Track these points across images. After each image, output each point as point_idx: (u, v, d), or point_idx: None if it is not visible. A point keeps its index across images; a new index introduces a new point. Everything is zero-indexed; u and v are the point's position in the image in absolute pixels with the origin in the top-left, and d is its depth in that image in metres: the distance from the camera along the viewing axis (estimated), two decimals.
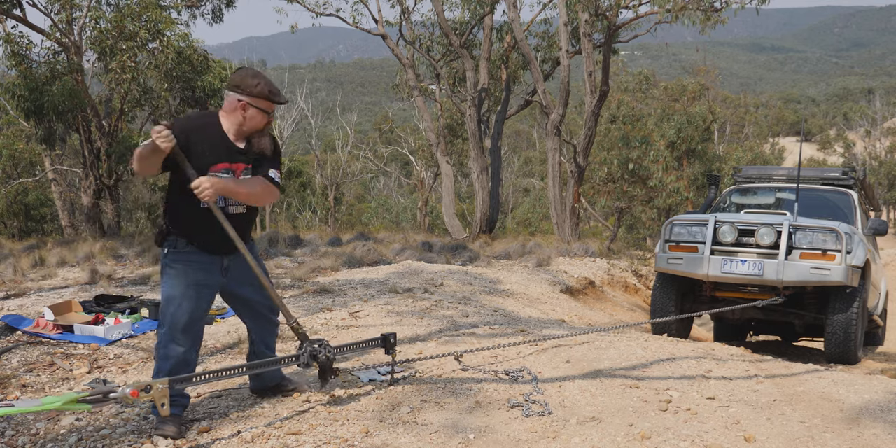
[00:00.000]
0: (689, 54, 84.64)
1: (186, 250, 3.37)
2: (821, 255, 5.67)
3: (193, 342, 3.42)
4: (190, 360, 3.42)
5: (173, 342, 3.34)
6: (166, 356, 3.35)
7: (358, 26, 19.31)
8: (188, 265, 3.36)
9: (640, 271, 11.84)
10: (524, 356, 4.49)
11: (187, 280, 3.35)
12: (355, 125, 39.49)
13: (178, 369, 3.34)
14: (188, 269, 3.36)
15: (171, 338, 3.34)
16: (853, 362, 5.83)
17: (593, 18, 15.73)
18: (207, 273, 3.40)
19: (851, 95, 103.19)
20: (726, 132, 44.92)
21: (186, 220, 3.36)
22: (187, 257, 3.37)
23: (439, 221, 28.37)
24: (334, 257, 10.04)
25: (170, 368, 3.33)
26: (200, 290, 3.39)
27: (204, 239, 3.38)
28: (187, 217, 3.36)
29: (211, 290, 3.45)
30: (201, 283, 3.38)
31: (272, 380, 3.77)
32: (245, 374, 3.46)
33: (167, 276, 3.38)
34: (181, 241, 3.37)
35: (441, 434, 3.24)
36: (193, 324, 3.39)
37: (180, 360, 3.36)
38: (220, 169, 3.34)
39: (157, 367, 3.37)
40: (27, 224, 24.72)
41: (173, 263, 3.37)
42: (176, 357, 3.35)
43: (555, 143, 15.91)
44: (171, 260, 3.37)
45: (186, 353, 3.38)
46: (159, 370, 3.35)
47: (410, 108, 38.72)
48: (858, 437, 3.22)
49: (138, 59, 14.92)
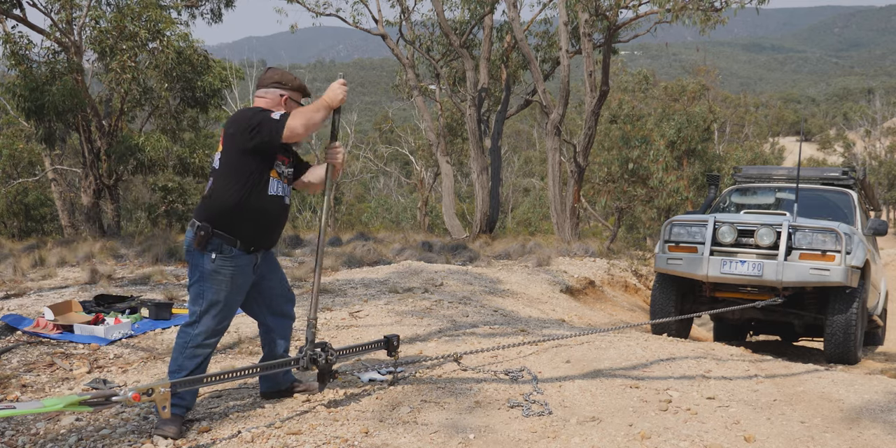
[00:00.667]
0: (689, 54, 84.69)
1: (231, 255, 3.34)
2: (820, 255, 5.67)
3: (217, 343, 3.49)
4: (208, 362, 3.48)
5: (205, 345, 3.38)
6: (194, 355, 3.35)
7: (358, 26, 19.30)
8: (235, 270, 3.36)
9: (640, 271, 11.84)
10: (524, 356, 4.49)
11: (234, 286, 3.37)
12: (355, 125, 39.47)
13: (199, 370, 3.38)
14: (235, 275, 3.36)
15: (203, 341, 3.36)
16: (853, 362, 5.83)
17: (593, 18, 15.73)
18: (247, 276, 3.44)
19: (851, 95, 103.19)
20: (726, 132, 44.92)
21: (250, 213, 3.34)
22: (234, 261, 3.35)
23: (439, 221, 28.37)
24: (334, 257, 10.04)
25: (194, 368, 3.35)
26: (242, 295, 3.46)
27: (255, 234, 3.38)
28: (252, 208, 3.33)
29: (246, 291, 3.51)
30: (243, 286, 3.44)
31: (286, 382, 3.76)
32: (247, 376, 3.45)
33: (214, 281, 3.32)
34: (225, 245, 3.32)
35: (441, 434, 3.24)
36: (226, 327, 3.47)
37: (205, 361, 3.40)
38: (281, 160, 3.45)
39: (180, 364, 3.34)
40: (27, 224, 24.71)
41: (222, 269, 3.32)
42: (203, 357, 3.38)
43: (555, 143, 15.91)
44: (219, 265, 3.32)
45: (210, 354, 3.45)
46: (181, 368, 3.33)
47: (410, 108, 38.73)
48: (858, 437, 3.22)
49: (138, 59, 14.92)
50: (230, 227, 3.33)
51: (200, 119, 18.87)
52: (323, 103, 3.33)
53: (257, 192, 3.35)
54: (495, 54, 19.23)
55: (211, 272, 3.33)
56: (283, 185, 3.46)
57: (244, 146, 3.30)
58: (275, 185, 3.41)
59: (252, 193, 3.34)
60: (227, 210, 3.32)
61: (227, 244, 3.33)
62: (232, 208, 3.32)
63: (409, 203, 35.96)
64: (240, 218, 3.33)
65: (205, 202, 3.39)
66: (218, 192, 3.36)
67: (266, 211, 3.40)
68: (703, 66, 32.07)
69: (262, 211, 3.38)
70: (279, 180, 3.43)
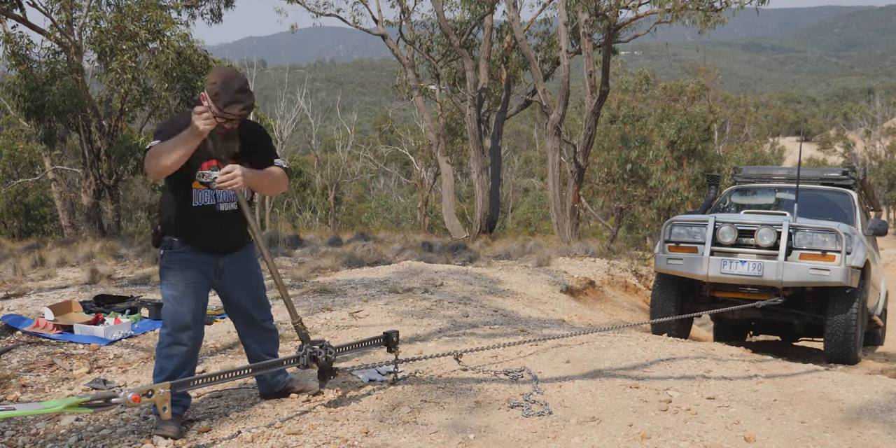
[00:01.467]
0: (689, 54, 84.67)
1: (182, 250, 3.37)
2: (820, 255, 5.67)
3: (196, 341, 3.43)
4: (192, 359, 3.43)
5: (176, 342, 3.35)
6: (169, 355, 3.35)
7: (358, 26, 19.31)
8: (185, 264, 3.36)
9: (640, 271, 11.84)
10: (524, 356, 4.49)
11: (185, 279, 3.36)
12: (355, 125, 39.49)
13: (180, 369, 3.35)
14: (185, 269, 3.36)
15: (173, 338, 3.35)
16: (853, 362, 5.83)
17: (593, 18, 15.73)
18: (202, 273, 3.41)
19: (851, 95, 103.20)
20: (726, 132, 44.92)
21: (181, 219, 3.36)
22: (183, 257, 3.37)
23: (439, 221, 28.37)
24: (334, 257, 10.04)
25: (173, 368, 3.34)
26: (199, 290, 3.40)
27: (198, 238, 3.38)
28: (182, 216, 3.36)
29: (207, 290, 3.47)
30: (199, 282, 3.40)
31: (279, 384, 3.75)
32: (246, 376, 3.45)
33: (165, 276, 3.39)
34: (176, 242, 3.37)
35: (441, 434, 3.24)
36: (195, 323, 3.40)
37: (183, 359, 3.37)
38: (207, 168, 3.33)
39: (160, 366, 3.37)
40: (27, 224, 24.70)
41: (170, 264, 3.38)
42: (179, 356, 3.36)
43: (555, 143, 15.91)
44: (167, 260, 3.38)
45: (189, 352, 3.39)
46: (162, 370, 3.35)
47: (410, 108, 38.72)
48: (858, 437, 3.22)
49: (138, 59, 14.91)
50: (173, 230, 3.39)
51: None
52: (183, 137, 3.08)
53: (181, 204, 3.33)
54: (495, 54, 19.23)
55: (162, 268, 3.40)
56: (215, 192, 3.35)
57: None
58: (200, 195, 3.34)
59: (177, 205, 3.34)
60: (164, 215, 3.41)
61: (177, 241, 3.37)
62: (166, 213, 3.39)
63: (409, 203, 35.96)
64: (175, 223, 3.37)
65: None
66: (160, 204, 3.48)
67: (195, 218, 3.34)
68: (703, 66, 32.09)
69: (192, 218, 3.35)
70: (205, 190, 3.34)
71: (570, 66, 15.51)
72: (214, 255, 3.43)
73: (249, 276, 3.58)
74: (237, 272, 3.52)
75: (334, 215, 33.83)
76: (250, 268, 3.59)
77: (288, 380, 3.77)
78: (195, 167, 3.29)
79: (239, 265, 3.52)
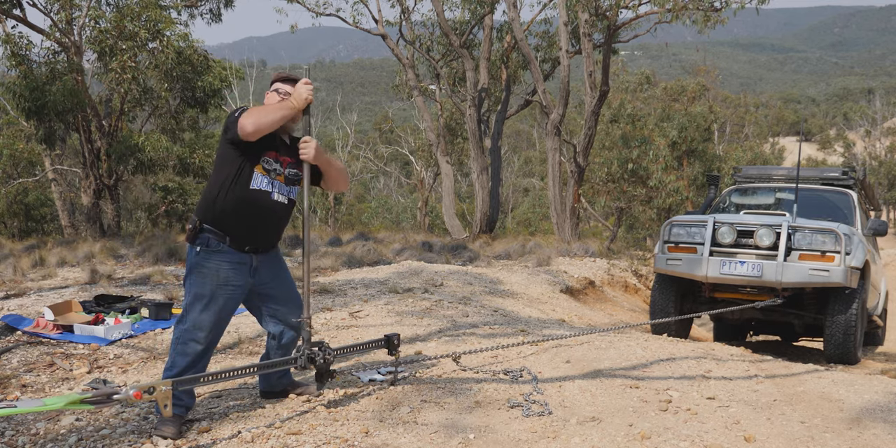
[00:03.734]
0: (689, 54, 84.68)
1: (219, 249, 3.34)
2: (820, 256, 5.67)
3: (212, 342, 3.42)
4: (206, 359, 3.42)
5: (194, 340, 3.33)
6: (184, 353, 3.33)
7: (358, 26, 19.31)
8: (220, 264, 3.34)
9: (640, 271, 11.84)
10: (524, 356, 4.50)
11: (218, 280, 3.34)
12: (355, 125, 39.50)
13: (193, 367, 3.34)
14: (220, 269, 3.34)
15: (192, 336, 3.33)
16: (853, 362, 5.83)
17: (593, 18, 15.73)
18: (237, 273, 3.38)
19: (851, 95, 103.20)
20: (726, 132, 44.93)
21: (231, 206, 3.34)
22: (219, 256, 3.34)
23: (439, 221, 28.37)
24: (334, 257, 10.04)
25: (185, 365, 3.32)
26: (230, 291, 3.38)
27: (241, 230, 3.36)
28: (233, 202, 3.34)
29: (240, 290, 3.43)
30: (231, 282, 3.37)
31: (280, 385, 3.74)
32: (246, 375, 3.44)
33: (197, 274, 3.34)
34: (213, 239, 3.34)
35: (441, 434, 3.24)
36: (218, 324, 3.39)
37: (198, 357, 3.36)
38: (270, 156, 3.42)
39: (172, 361, 3.35)
40: (27, 224, 24.71)
41: (205, 261, 3.33)
42: (194, 355, 3.34)
43: (555, 143, 15.91)
44: (202, 258, 3.34)
45: (204, 351, 3.38)
46: (174, 365, 3.33)
47: (410, 108, 38.73)
48: (858, 437, 3.23)
49: (138, 59, 14.92)
50: (216, 221, 3.35)
51: (200, 119, 18.87)
52: (285, 104, 3.35)
53: (239, 185, 3.34)
54: (495, 54, 19.23)
55: (195, 265, 3.35)
56: (273, 181, 3.41)
57: (223, 142, 3.40)
58: (259, 179, 3.38)
59: (233, 186, 3.34)
60: (211, 203, 3.37)
61: (215, 239, 3.34)
62: (214, 200, 3.36)
63: (409, 203, 35.97)
64: (222, 211, 3.34)
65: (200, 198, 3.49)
66: (206, 187, 3.47)
67: (247, 203, 3.35)
68: (703, 66, 32.08)
69: (244, 203, 3.34)
70: (266, 176, 3.40)
71: (570, 66, 15.51)
72: (249, 255, 3.43)
73: (284, 272, 3.61)
74: (271, 267, 3.54)
75: (334, 215, 33.84)
76: (282, 264, 3.64)
77: (288, 383, 3.77)
78: (262, 152, 3.39)
79: (272, 261, 3.56)
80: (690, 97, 27.21)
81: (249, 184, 3.35)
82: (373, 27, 19.11)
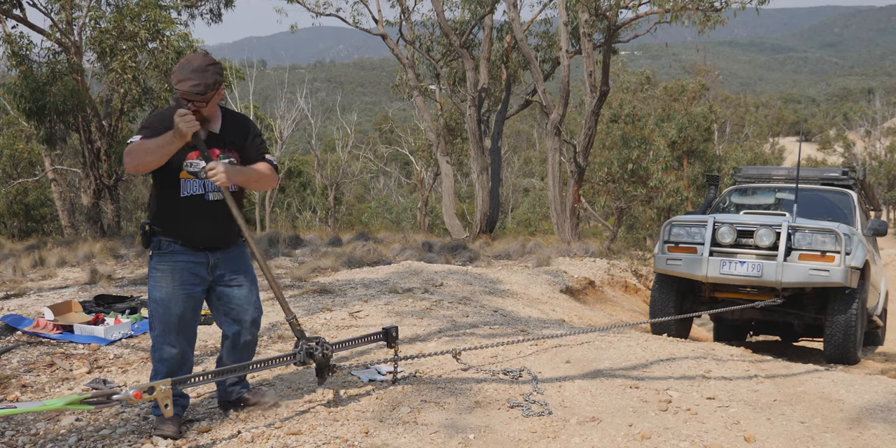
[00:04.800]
0: (689, 54, 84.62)
1: (171, 250, 3.31)
2: (820, 256, 5.66)
3: (188, 342, 3.39)
4: (187, 361, 3.40)
5: (167, 344, 3.31)
6: (161, 358, 3.32)
7: (358, 26, 19.31)
8: (175, 265, 3.31)
9: (640, 271, 11.84)
10: (524, 356, 4.50)
11: (174, 281, 3.30)
12: (355, 125, 39.48)
13: (174, 371, 3.31)
14: (175, 270, 3.30)
15: (164, 340, 3.31)
16: (853, 362, 5.83)
17: (593, 18, 15.73)
18: (194, 272, 3.34)
19: (851, 95, 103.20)
20: (726, 132, 44.92)
21: (170, 212, 3.31)
22: (174, 257, 3.31)
23: (439, 221, 28.37)
24: (334, 257, 10.04)
25: (167, 370, 3.30)
26: (189, 290, 3.33)
27: (188, 232, 3.31)
28: (171, 208, 3.30)
29: (199, 289, 3.39)
30: (189, 282, 3.33)
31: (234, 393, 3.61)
32: (246, 373, 3.46)
33: (153, 278, 3.33)
34: (165, 241, 3.32)
35: (441, 434, 3.24)
36: (185, 325, 3.35)
37: (176, 361, 3.33)
38: (194, 157, 3.28)
39: (154, 369, 3.35)
40: (27, 224, 24.73)
41: (159, 264, 3.32)
42: (171, 358, 3.32)
43: (555, 143, 15.91)
44: (157, 261, 3.33)
45: (182, 353, 3.35)
46: (156, 372, 3.33)
47: (410, 108, 38.72)
48: (858, 438, 3.23)
49: (138, 59, 14.92)
50: (162, 227, 3.34)
51: None
52: (165, 139, 3.09)
53: (169, 195, 3.30)
54: (495, 54, 19.23)
55: (151, 268, 3.34)
56: (204, 181, 3.29)
57: None
58: (188, 185, 3.29)
59: (165, 196, 3.31)
60: (153, 211, 3.36)
61: (166, 240, 3.32)
62: (155, 210, 3.36)
63: (409, 203, 35.96)
64: (164, 219, 3.33)
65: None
66: (149, 200, 3.45)
67: (184, 210, 3.30)
68: (703, 66, 32.10)
69: (181, 211, 3.30)
70: (194, 180, 3.29)
71: (570, 66, 15.51)
72: (205, 253, 3.36)
73: (244, 271, 3.50)
74: (231, 264, 3.44)
75: (334, 215, 33.85)
76: (244, 263, 3.53)
77: (244, 391, 3.63)
78: (182, 156, 3.25)
79: (232, 259, 3.45)
80: (690, 97, 27.22)
81: (179, 192, 3.28)
82: (373, 27, 19.12)
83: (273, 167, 3.46)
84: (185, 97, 3.16)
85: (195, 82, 3.15)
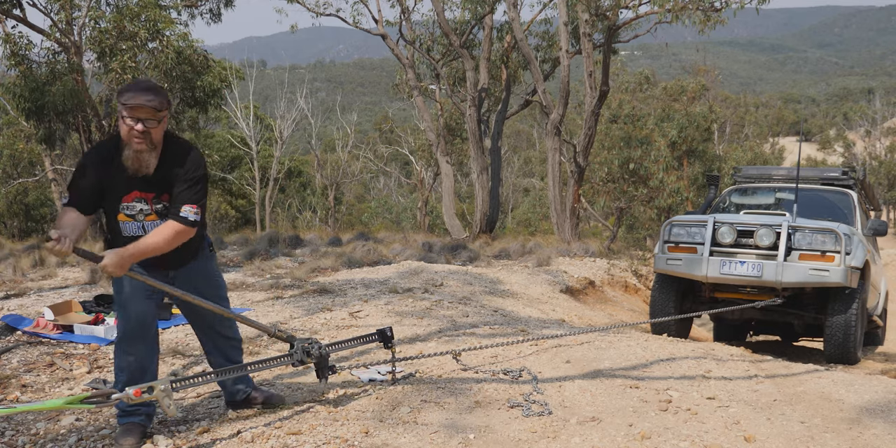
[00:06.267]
0: (689, 54, 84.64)
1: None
2: (820, 256, 5.66)
3: (147, 349, 3.32)
4: (146, 368, 3.31)
5: (124, 353, 3.28)
6: (119, 367, 3.29)
7: (358, 26, 19.31)
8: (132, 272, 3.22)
9: (640, 271, 11.84)
10: (524, 356, 4.50)
11: (131, 287, 3.26)
12: (355, 125, 39.46)
13: (134, 379, 3.23)
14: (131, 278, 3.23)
15: (122, 348, 3.28)
16: (853, 362, 5.83)
17: (593, 18, 15.73)
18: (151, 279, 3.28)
19: (851, 95, 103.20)
20: (726, 132, 44.92)
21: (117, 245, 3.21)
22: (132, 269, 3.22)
23: (439, 221, 28.37)
24: (334, 257, 10.04)
25: (126, 379, 3.24)
26: (145, 295, 3.28)
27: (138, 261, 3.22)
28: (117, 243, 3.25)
29: (156, 295, 3.34)
30: (144, 288, 3.27)
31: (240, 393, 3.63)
32: (245, 373, 3.46)
33: (114, 287, 3.33)
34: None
35: (441, 434, 3.24)
36: (142, 330, 3.29)
37: (135, 369, 3.27)
38: (132, 199, 3.21)
39: (115, 378, 3.32)
40: (27, 224, 24.73)
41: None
42: (129, 367, 3.27)
43: (555, 143, 15.91)
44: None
45: (140, 361, 3.28)
46: (117, 382, 3.30)
47: (410, 108, 38.72)
48: (858, 437, 3.23)
49: (138, 59, 14.91)
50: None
51: (200, 119, 18.85)
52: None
53: (113, 234, 3.29)
54: (495, 54, 19.23)
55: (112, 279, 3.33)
56: (143, 223, 3.24)
57: None
58: (128, 227, 3.25)
59: (112, 230, 3.29)
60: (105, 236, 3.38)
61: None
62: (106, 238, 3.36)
63: (409, 203, 35.96)
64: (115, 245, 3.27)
65: None
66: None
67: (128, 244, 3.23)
68: (703, 66, 32.11)
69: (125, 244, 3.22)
70: (133, 222, 3.24)
71: (570, 66, 15.52)
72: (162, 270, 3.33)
73: (205, 283, 3.46)
74: (191, 279, 3.40)
75: (334, 215, 33.84)
76: (206, 273, 3.49)
77: (251, 390, 3.65)
78: (117, 200, 3.20)
79: (192, 273, 3.41)
80: (690, 97, 27.23)
81: (121, 233, 3.25)
82: (373, 27, 19.12)
83: (187, 223, 3.20)
84: (134, 115, 3.05)
85: (150, 97, 3.06)
